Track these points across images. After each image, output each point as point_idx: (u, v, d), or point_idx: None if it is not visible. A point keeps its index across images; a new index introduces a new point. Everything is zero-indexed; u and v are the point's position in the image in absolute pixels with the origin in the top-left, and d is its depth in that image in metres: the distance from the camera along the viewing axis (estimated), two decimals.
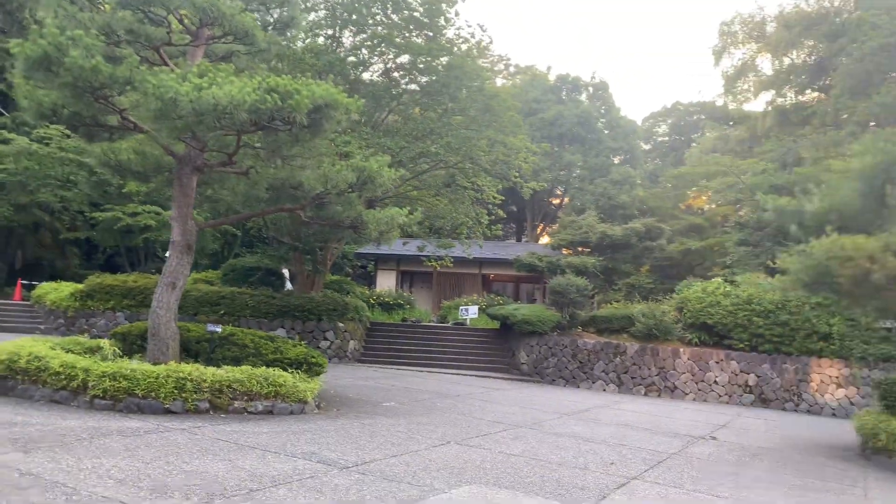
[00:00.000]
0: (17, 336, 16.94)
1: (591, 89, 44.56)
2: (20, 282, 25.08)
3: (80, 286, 18.85)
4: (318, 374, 10.31)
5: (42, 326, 18.75)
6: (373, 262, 34.39)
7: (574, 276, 19.62)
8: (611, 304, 22.01)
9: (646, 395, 17.45)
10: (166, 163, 11.06)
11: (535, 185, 22.80)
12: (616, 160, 43.56)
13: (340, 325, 18.81)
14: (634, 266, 30.86)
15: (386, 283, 33.89)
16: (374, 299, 27.59)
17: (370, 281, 34.14)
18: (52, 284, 20.42)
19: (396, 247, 26.74)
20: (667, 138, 55.76)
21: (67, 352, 9.37)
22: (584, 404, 14.36)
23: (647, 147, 54.18)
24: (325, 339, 18.48)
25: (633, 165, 42.81)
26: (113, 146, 11.33)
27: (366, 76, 19.54)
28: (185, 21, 10.38)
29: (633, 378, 17.76)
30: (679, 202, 40.86)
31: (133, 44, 10.05)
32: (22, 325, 19.70)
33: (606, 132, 43.10)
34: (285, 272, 22.16)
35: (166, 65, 10.30)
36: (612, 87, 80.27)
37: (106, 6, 11.57)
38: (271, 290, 19.24)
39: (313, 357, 10.40)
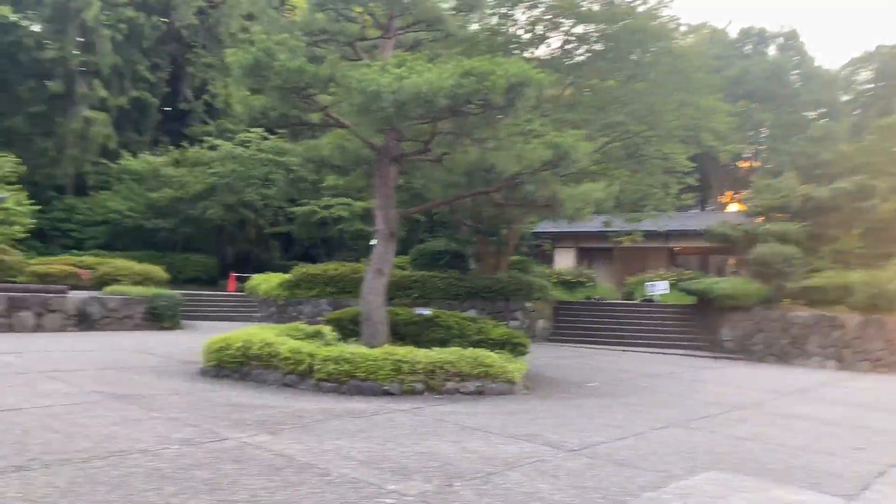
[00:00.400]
0: (236, 324, 18.68)
1: (780, 40, 40.83)
2: (232, 275, 27.65)
3: (288, 276, 20.34)
4: (521, 354, 10.29)
5: (258, 314, 20.51)
6: (549, 241, 34.04)
7: (778, 245, 18.07)
8: (819, 273, 20.05)
9: (872, 371, 15.71)
10: (365, 155, 11.50)
11: (732, 148, 21.23)
12: (812, 115, 39.62)
13: (528, 304, 18.79)
14: (842, 231, 27.89)
15: (564, 261, 33.48)
16: (554, 278, 27.35)
17: (547, 260, 33.87)
18: (263, 276, 22.25)
19: (575, 223, 26.25)
20: (870, 86, 49.80)
21: (290, 338, 10.05)
22: (803, 383, 13.19)
23: (846, 98, 48.78)
24: (514, 318, 18.55)
25: (834, 119, 38.71)
26: (315, 143, 11.99)
27: (540, 52, 19.18)
28: (376, 13, 10.67)
29: (854, 353, 16.05)
30: (891, 156, 36.35)
31: (329, 42, 10.50)
32: (238, 314, 21.72)
33: (799, 85, 39.28)
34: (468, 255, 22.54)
35: (360, 59, 10.66)
36: (804, 37, 72.71)
37: (287, 12, 12.25)
38: (459, 273, 19.63)
39: (516, 337, 10.39)
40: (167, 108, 36.00)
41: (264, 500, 4.52)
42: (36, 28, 31.90)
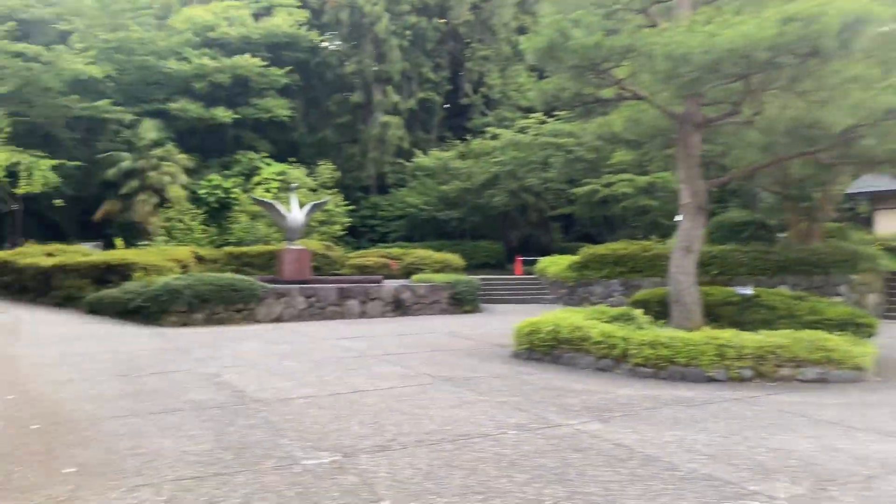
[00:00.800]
0: (526, 306, 19.04)
1: None
2: (518, 258, 28.37)
3: (576, 258, 20.25)
4: (868, 335, 8.91)
5: (549, 296, 20.75)
6: (867, 202, 29.59)
7: None
8: None
9: None
10: (661, 126, 10.86)
11: None
12: None
13: (854, 277, 16.44)
14: None
15: (886, 224, 28.85)
16: (878, 245, 23.64)
17: (863, 224, 29.46)
18: (552, 258, 22.45)
19: None
20: None
21: (597, 321, 9.83)
22: None
23: None
24: (837, 294, 16.33)
25: None
26: (607, 119, 11.63)
27: None
28: None
29: None
30: None
31: (622, 11, 10.04)
32: (527, 296, 22.12)
33: None
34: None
35: (655, 25, 10.03)
36: None
37: None
38: (764, 245, 17.85)
39: (860, 317, 9.03)
40: (447, 105, 38.15)
41: (617, 494, 4.34)
42: (335, 47, 35.90)
